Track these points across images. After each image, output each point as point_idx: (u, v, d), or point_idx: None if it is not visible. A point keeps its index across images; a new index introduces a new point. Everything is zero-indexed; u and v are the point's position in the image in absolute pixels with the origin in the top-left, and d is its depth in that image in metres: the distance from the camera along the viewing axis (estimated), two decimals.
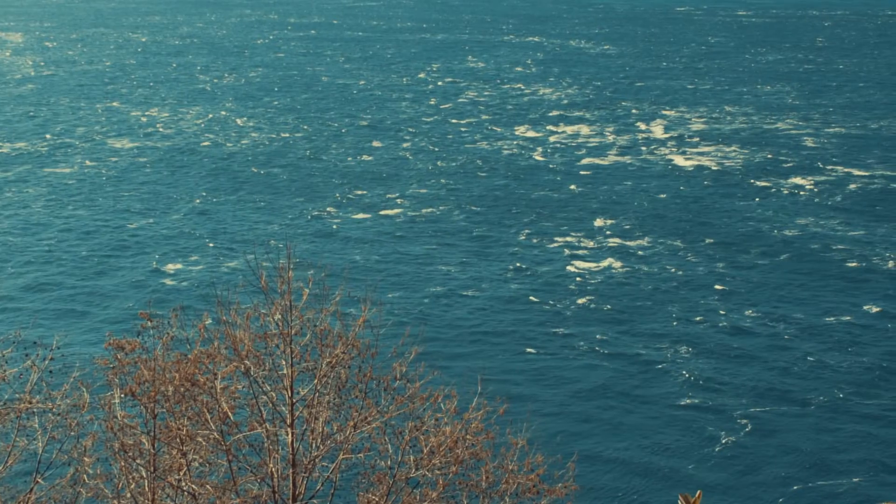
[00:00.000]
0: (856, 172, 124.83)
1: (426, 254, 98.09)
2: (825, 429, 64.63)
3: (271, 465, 24.50)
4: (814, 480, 58.30)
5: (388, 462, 25.63)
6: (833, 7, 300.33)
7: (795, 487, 57.92)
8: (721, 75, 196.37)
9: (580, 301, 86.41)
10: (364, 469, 26.13)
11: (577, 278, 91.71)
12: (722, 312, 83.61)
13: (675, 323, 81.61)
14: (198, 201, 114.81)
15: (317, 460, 24.80)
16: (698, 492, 17.40)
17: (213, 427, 24.19)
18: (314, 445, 24.91)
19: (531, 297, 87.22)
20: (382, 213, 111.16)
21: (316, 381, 25.25)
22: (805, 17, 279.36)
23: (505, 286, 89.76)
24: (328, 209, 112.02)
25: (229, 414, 24.49)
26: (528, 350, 76.85)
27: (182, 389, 24.47)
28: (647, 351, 76.63)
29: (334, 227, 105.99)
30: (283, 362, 25.10)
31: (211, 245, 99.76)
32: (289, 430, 24.67)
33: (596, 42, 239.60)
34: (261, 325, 25.82)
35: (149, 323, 25.81)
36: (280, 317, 25.24)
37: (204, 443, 24.70)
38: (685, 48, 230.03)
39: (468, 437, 25.42)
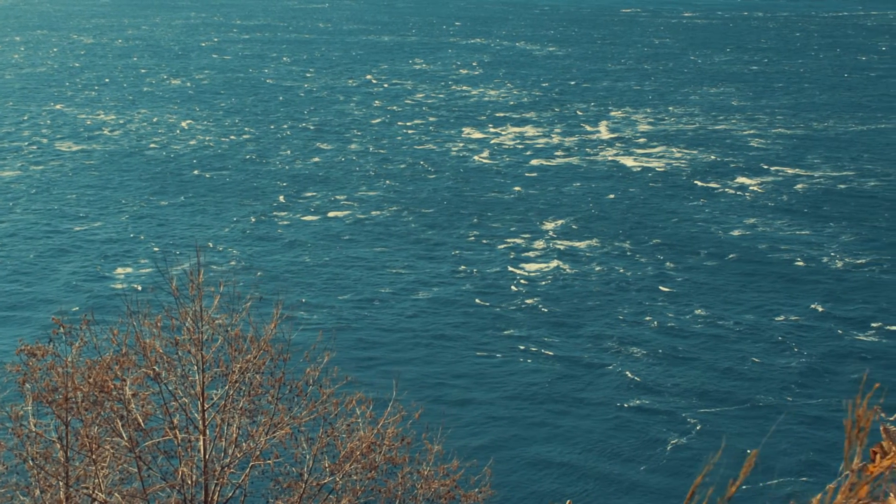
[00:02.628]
0: (801, 173, 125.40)
1: (373, 256, 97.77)
2: (769, 430, 64.73)
3: (184, 472, 24.13)
4: (758, 482, 58.33)
5: (304, 468, 25.37)
6: (778, 9, 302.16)
7: (743, 488, 57.88)
8: (667, 76, 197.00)
9: (527, 302, 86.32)
10: (277, 475, 25.89)
11: (524, 280, 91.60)
12: (669, 314, 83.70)
13: (622, 325, 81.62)
14: (143, 204, 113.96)
15: (230, 467, 24.49)
16: (567, 501, 17.21)
17: (124, 434, 23.84)
18: (227, 452, 24.62)
19: (477, 300, 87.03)
20: (330, 214, 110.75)
21: (228, 386, 24.96)
22: (750, 19, 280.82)
23: (452, 288, 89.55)
24: (275, 212, 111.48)
25: (140, 421, 24.13)
26: (474, 353, 76.69)
27: (92, 396, 24.10)
28: (594, 353, 76.59)
29: (280, 230, 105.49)
30: (195, 368, 24.79)
31: (156, 249, 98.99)
32: (201, 436, 24.34)
33: (542, 44, 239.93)
34: (172, 330, 25.49)
35: (61, 329, 25.40)
36: (191, 322, 24.91)
37: (112, 450, 24.34)
38: (631, 49, 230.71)
39: (385, 442, 25.24)
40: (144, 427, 24.21)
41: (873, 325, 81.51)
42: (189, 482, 24.01)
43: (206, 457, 24.06)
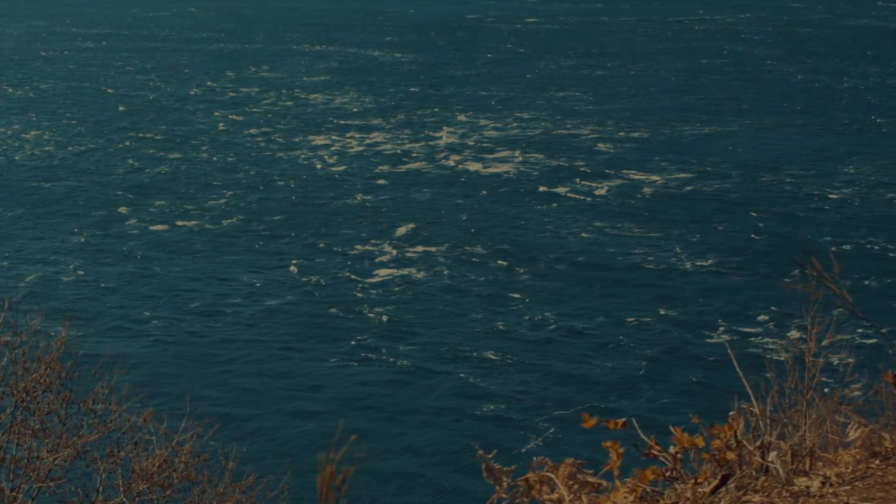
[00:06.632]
0: (647, 177, 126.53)
1: (220, 265, 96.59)
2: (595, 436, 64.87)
3: None
4: None
5: (93, 489, 24.49)
6: (622, 14, 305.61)
7: None
8: (514, 81, 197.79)
9: (375, 310, 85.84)
10: (67, 496, 24.97)
11: (371, 288, 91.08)
12: (516, 319, 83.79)
13: (469, 331, 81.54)
14: None
15: (19, 490, 23.52)
16: None
17: None
18: (15, 474, 23.67)
19: (323, 309, 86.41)
20: (178, 223, 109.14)
21: (12, 405, 24.01)
22: (594, 24, 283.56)
23: (297, 297, 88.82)
24: (119, 222, 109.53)
25: None
26: (320, 362, 76.24)
27: None
28: (440, 361, 76.46)
29: (124, 240, 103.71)
30: None
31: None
32: None
33: (388, 50, 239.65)
34: None
35: None
36: None
37: None
38: (476, 55, 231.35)
39: (182, 459, 24.51)
40: None
41: (720, 325, 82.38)
42: None
43: None
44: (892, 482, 11.15)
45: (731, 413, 12.10)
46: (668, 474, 11.53)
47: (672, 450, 11.69)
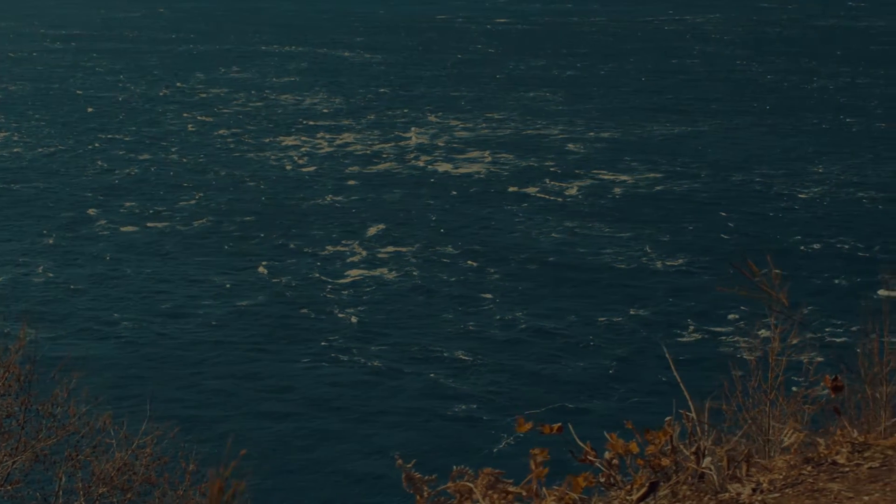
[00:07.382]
0: (619, 177, 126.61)
1: (190, 267, 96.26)
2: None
3: None
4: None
5: (52, 492, 24.38)
6: (592, 14, 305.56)
7: None
8: (484, 82, 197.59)
9: (347, 311, 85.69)
10: (26, 500, 24.82)
11: (343, 289, 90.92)
12: (488, 320, 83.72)
13: (441, 332, 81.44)
14: None
15: None
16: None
17: None
18: None
19: (295, 310, 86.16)
20: (149, 225, 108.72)
21: None
22: (565, 25, 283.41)
23: (269, 298, 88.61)
24: (88, 224, 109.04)
25: None
26: (292, 364, 75.98)
27: None
28: (412, 362, 76.35)
29: (94, 242, 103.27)
30: None
31: None
32: None
33: (358, 51, 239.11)
34: None
35: None
36: None
37: None
38: (446, 55, 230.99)
39: (144, 462, 24.40)
40: None
41: (690, 325, 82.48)
42: None
43: None
44: (822, 489, 11.20)
45: (667, 418, 12.10)
46: (602, 481, 11.52)
47: (607, 455, 11.68)
